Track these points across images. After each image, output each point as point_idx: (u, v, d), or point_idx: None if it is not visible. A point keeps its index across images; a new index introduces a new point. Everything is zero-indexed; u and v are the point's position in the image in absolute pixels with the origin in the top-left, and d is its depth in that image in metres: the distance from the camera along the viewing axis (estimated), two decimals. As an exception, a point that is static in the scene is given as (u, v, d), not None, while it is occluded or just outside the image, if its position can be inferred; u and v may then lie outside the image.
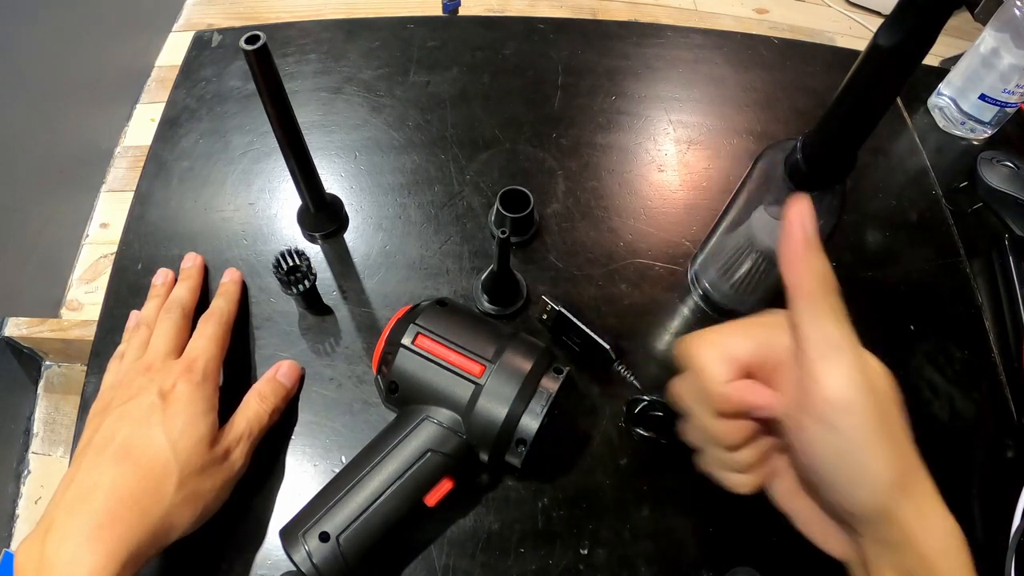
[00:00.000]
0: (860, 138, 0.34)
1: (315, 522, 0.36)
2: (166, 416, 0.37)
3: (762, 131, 0.61)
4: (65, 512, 0.33)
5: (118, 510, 0.33)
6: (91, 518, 0.33)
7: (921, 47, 0.28)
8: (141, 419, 0.37)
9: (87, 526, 0.32)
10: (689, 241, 0.53)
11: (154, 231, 0.52)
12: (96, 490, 0.34)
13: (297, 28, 0.65)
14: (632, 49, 0.66)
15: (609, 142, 0.59)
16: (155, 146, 0.56)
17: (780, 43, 0.68)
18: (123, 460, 0.35)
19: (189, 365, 0.40)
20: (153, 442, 0.36)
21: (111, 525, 0.33)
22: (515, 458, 0.38)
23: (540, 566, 0.40)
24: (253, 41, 0.35)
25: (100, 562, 0.31)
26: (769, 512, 0.43)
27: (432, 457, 0.37)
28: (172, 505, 0.35)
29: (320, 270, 0.49)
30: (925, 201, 0.58)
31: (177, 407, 0.38)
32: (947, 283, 0.53)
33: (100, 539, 0.32)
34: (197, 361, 0.40)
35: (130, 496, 0.34)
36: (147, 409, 0.37)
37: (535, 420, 0.37)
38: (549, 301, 0.46)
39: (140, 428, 0.37)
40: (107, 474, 0.34)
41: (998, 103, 0.59)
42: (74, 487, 0.34)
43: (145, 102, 1.52)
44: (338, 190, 0.53)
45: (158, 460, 0.35)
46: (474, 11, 1.62)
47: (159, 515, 0.34)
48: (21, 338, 1.10)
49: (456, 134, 0.58)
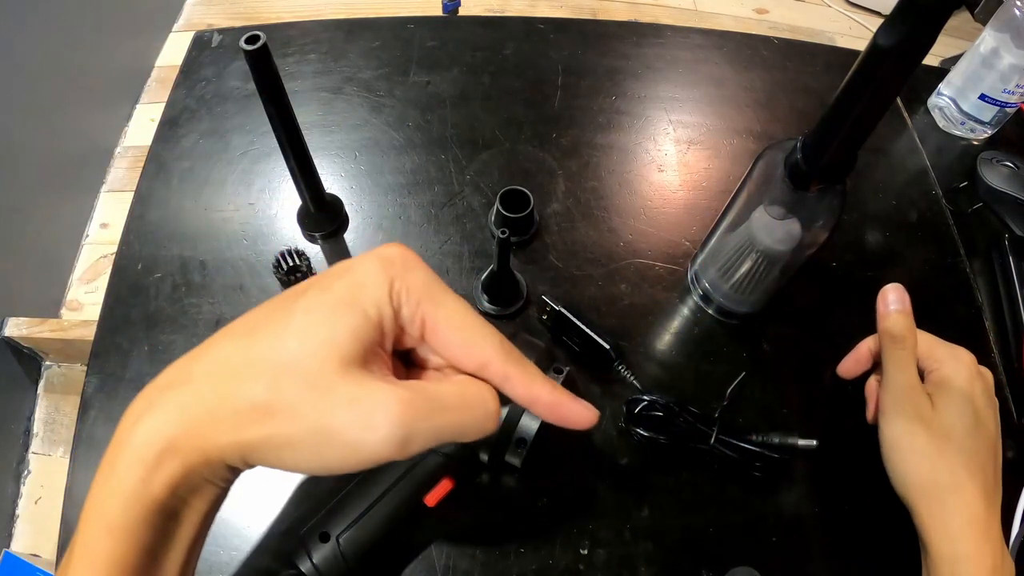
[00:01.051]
0: (860, 138, 0.34)
1: (315, 522, 0.36)
2: (302, 299, 0.25)
3: (762, 131, 0.61)
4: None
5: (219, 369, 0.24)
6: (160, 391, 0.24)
7: (921, 47, 0.28)
8: (276, 301, 0.26)
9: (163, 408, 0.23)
10: (689, 241, 0.53)
11: (154, 231, 0.52)
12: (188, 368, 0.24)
13: (297, 28, 0.65)
14: (632, 49, 0.66)
15: (609, 142, 0.59)
16: (155, 146, 0.56)
17: (780, 43, 0.68)
18: (229, 335, 0.25)
19: (417, 266, 0.26)
20: (259, 322, 0.25)
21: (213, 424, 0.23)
22: (515, 458, 0.38)
23: (540, 566, 0.40)
24: (253, 41, 0.35)
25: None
26: (769, 512, 0.43)
27: (432, 457, 0.37)
28: (278, 426, 0.23)
29: (320, 270, 0.49)
30: (925, 201, 0.58)
31: (319, 294, 0.25)
32: (947, 283, 0.53)
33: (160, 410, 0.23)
34: (428, 275, 0.26)
35: (212, 375, 0.24)
36: (293, 290, 0.26)
37: (535, 420, 0.37)
38: (549, 301, 0.46)
39: (263, 307, 0.25)
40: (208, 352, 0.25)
41: (998, 103, 0.59)
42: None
43: (145, 102, 1.52)
44: (338, 190, 0.53)
45: (257, 340, 0.24)
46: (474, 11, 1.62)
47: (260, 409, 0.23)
48: (21, 338, 1.10)
49: (456, 134, 0.58)
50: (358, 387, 0.23)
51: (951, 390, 0.38)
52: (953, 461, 0.36)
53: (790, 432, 0.43)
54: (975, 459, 0.37)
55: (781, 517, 0.43)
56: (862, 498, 0.42)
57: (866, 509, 0.42)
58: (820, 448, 0.42)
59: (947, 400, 0.38)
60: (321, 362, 0.23)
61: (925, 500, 0.37)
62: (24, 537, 1.05)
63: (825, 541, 0.42)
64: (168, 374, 0.25)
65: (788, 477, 0.44)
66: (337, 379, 0.23)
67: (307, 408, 0.23)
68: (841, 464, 0.43)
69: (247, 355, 0.24)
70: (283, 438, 0.23)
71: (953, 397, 0.38)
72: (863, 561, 0.42)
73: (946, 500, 0.36)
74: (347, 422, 0.23)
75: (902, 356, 0.40)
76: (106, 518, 0.23)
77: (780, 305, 0.49)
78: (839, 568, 0.42)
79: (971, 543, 0.35)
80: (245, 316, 0.26)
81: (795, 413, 0.46)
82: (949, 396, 0.38)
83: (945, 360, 0.40)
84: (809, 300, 0.51)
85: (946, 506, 0.36)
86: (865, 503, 0.42)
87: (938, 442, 0.37)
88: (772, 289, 0.46)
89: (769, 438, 0.42)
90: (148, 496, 0.23)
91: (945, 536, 0.36)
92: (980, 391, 0.39)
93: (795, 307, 0.50)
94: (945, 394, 0.38)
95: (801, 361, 0.48)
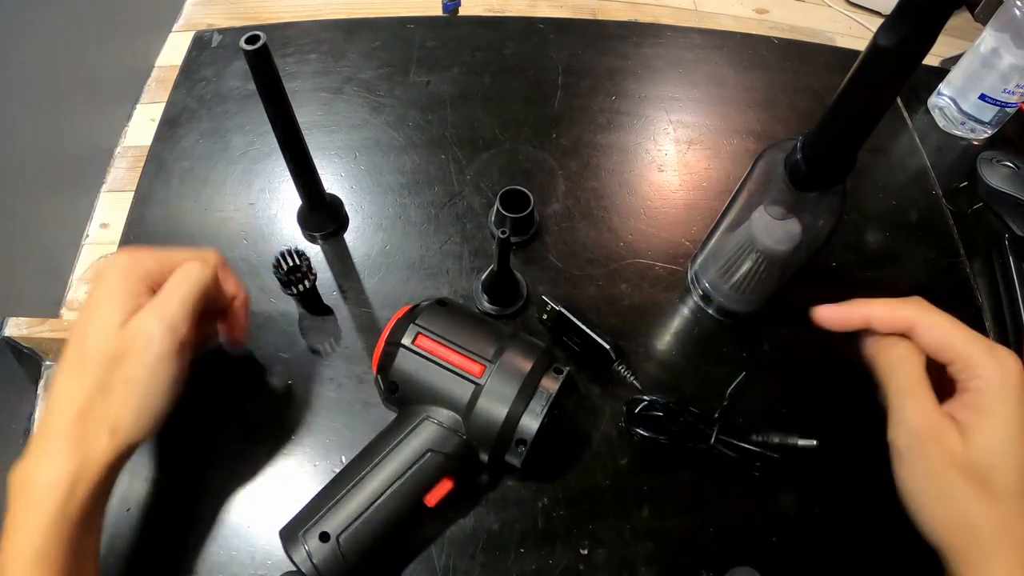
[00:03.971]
0: (860, 138, 0.34)
1: (315, 522, 0.36)
2: (85, 306, 0.35)
3: (762, 131, 0.61)
4: (37, 432, 0.33)
5: (61, 421, 0.33)
6: (49, 433, 0.33)
7: (921, 47, 0.28)
8: (73, 326, 0.35)
9: (50, 442, 0.32)
10: (689, 241, 0.53)
11: (154, 231, 0.52)
12: (47, 405, 0.34)
13: (297, 28, 0.65)
14: (632, 49, 0.66)
15: (609, 142, 0.59)
16: (155, 146, 0.56)
17: (780, 43, 0.68)
18: (60, 364, 0.34)
19: (121, 255, 0.37)
20: (73, 337, 0.34)
21: (61, 437, 0.32)
22: (515, 458, 0.38)
23: (540, 566, 0.40)
24: (253, 41, 0.35)
25: (64, 472, 0.31)
26: (769, 512, 0.43)
27: (432, 457, 0.37)
28: (102, 406, 0.33)
29: (320, 270, 0.49)
30: (925, 201, 0.58)
31: (92, 294, 0.35)
32: (947, 283, 0.53)
33: (57, 451, 0.32)
34: (133, 252, 0.37)
35: (68, 403, 0.33)
36: (81, 313, 0.36)
37: (535, 420, 0.37)
38: (549, 301, 0.46)
39: (74, 324, 0.35)
40: (53, 384, 0.34)
41: (998, 103, 0.59)
42: (44, 406, 0.35)
43: (145, 102, 1.52)
44: (338, 190, 0.53)
45: (74, 356, 0.34)
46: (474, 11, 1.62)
47: (94, 419, 0.33)
48: (21, 338, 1.10)
49: (456, 134, 0.58)
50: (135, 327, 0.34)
51: (993, 418, 0.29)
52: (998, 505, 0.29)
53: (790, 432, 0.43)
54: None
55: (781, 517, 0.43)
56: (862, 498, 0.42)
57: (866, 509, 0.42)
58: (820, 448, 0.42)
59: (987, 431, 0.29)
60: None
61: (962, 550, 0.29)
62: (24, 537, 1.04)
63: (825, 541, 0.42)
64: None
65: (788, 477, 0.44)
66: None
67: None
68: (841, 464, 0.43)
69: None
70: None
71: (995, 427, 0.29)
72: (863, 561, 0.42)
73: (989, 550, 0.29)
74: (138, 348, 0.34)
75: (901, 382, 0.32)
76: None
77: (780, 305, 0.49)
78: (839, 568, 0.42)
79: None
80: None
81: (795, 413, 0.46)
82: (990, 426, 0.29)
83: (982, 366, 0.30)
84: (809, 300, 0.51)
85: (989, 557, 0.29)
86: (865, 503, 0.42)
87: (975, 486, 0.29)
88: (772, 289, 0.46)
89: (769, 438, 0.42)
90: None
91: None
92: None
93: (795, 307, 0.50)
94: (983, 417, 0.29)
95: (801, 361, 0.48)
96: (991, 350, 0.30)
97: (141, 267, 0.36)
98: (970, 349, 0.30)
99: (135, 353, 0.34)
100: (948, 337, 0.31)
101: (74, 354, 0.34)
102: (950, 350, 0.31)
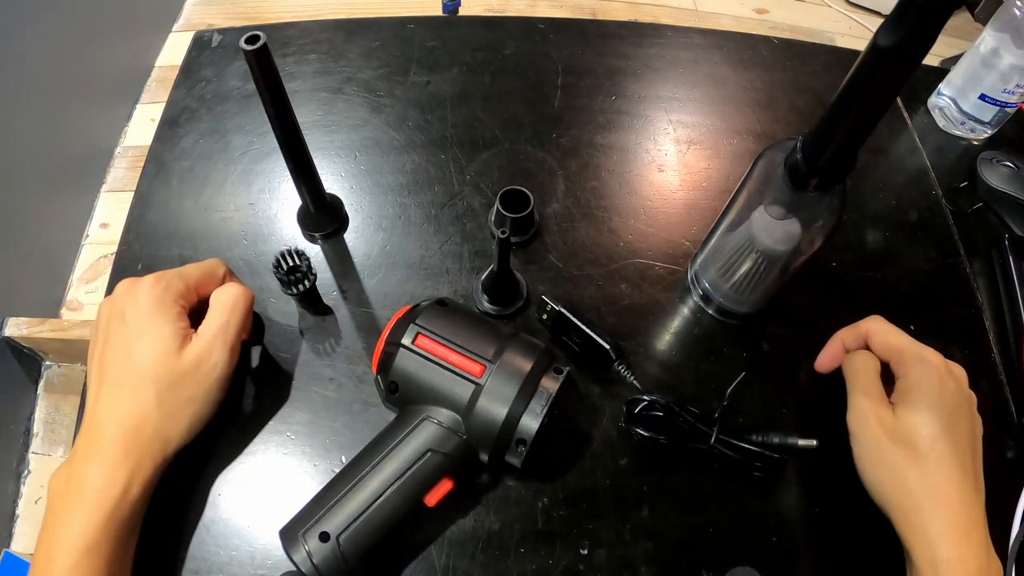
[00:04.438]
0: (860, 138, 0.34)
1: (315, 522, 0.36)
2: (125, 332, 0.38)
3: (762, 131, 0.61)
4: (81, 440, 0.37)
5: (112, 430, 0.36)
6: (101, 441, 0.36)
7: (921, 47, 0.28)
8: (109, 339, 0.38)
9: (102, 448, 0.35)
10: (689, 241, 0.53)
11: (154, 231, 0.52)
12: (92, 417, 0.37)
13: (297, 28, 0.65)
14: (632, 49, 0.66)
15: (609, 142, 0.59)
16: (155, 146, 0.56)
17: (780, 43, 0.68)
18: (104, 383, 0.37)
19: (151, 282, 0.40)
20: (118, 361, 0.37)
21: (115, 444, 0.36)
22: (515, 458, 0.38)
23: (540, 566, 0.40)
24: (253, 41, 0.35)
25: (119, 477, 0.35)
26: (769, 512, 0.43)
27: (432, 457, 0.37)
28: (159, 420, 0.37)
29: (320, 270, 0.49)
30: (925, 201, 0.58)
31: (135, 322, 0.38)
32: (947, 283, 0.53)
33: (111, 457, 0.35)
34: (161, 277, 0.40)
35: (121, 416, 0.36)
36: (113, 329, 0.39)
37: (535, 420, 0.37)
38: (549, 301, 0.46)
39: (108, 348, 0.38)
40: (99, 400, 0.37)
41: (998, 103, 0.59)
42: (86, 417, 0.37)
43: (145, 102, 1.52)
44: (338, 190, 0.53)
45: (128, 378, 0.37)
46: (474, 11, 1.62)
47: (150, 431, 0.36)
48: (21, 338, 1.10)
49: (456, 134, 0.58)
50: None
51: (915, 397, 0.38)
52: (924, 467, 0.36)
53: (790, 432, 0.43)
54: (949, 461, 0.36)
55: (781, 517, 0.43)
56: (862, 498, 0.42)
57: (866, 509, 0.42)
58: (820, 448, 0.42)
59: (911, 408, 0.38)
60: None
61: (901, 509, 0.37)
62: (24, 537, 1.05)
63: (825, 541, 0.42)
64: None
65: (788, 477, 0.44)
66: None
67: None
68: (841, 464, 0.43)
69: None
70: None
71: (917, 404, 0.38)
72: (863, 561, 0.42)
73: (922, 507, 0.36)
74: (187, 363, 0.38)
75: (856, 381, 0.41)
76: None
77: (780, 305, 0.49)
78: (839, 568, 0.42)
79: (952, 547, 0.35)
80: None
81: (795, 413, 0.46)
82: (913, 403, 0.38)
83: (910, 365, 0.39)
84: (809, 300, 0.51)
85: (922, 513, 0.36)
86: (865, 503, 0.42)
87: (904, 451, 0.37)
88: (772, 289, 0.46)
89: (769, 438, 0.42)
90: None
91: (925, 542, 0.36)
92: (951, 392, 0.38)
93: (795, 307, 0.50)
94: (909, 401, 0.38)
95: (801, 361, 0.48)
96: (921, 350, 0.40)
97: (172, 291, 0.40)
98: (904, 348, 0.40)
99: (199, 376, 0.38)
100: (889, 341, 0.41)
101: (122, 376, 0.37)
102: (891, 350, 0.40)
